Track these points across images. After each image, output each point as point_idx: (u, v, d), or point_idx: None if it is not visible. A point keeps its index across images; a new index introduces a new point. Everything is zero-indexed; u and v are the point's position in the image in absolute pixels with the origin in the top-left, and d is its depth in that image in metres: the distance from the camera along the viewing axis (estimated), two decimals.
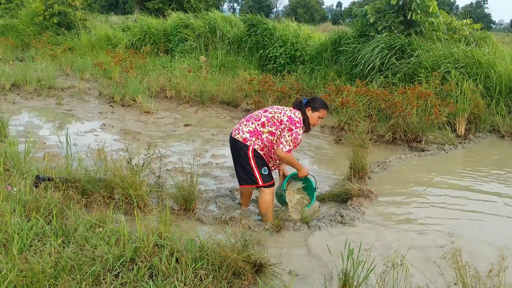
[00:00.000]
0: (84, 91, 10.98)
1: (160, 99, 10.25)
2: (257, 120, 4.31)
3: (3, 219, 3.31)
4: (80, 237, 3.26)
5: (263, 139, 4.27)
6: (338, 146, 7.31)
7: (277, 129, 4.26)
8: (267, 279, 3.22)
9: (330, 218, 4.44)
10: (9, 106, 8.95)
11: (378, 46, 9.95)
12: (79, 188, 4.39)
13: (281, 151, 4.23)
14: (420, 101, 7.45)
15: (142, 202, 4.31)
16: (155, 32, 15.82)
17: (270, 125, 4.27)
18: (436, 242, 4.03)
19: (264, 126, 4.27)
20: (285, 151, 4.23)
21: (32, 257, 2.87)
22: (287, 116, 4.28)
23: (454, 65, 8.90)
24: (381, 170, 6.01)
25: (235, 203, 4.89)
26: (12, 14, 21.69)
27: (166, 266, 2.94)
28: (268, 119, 4.29)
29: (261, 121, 4.29)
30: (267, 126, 4.27)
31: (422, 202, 5.00)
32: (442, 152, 6.94)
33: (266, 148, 4.32)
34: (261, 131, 4.27)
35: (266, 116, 4.32)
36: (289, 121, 4.25)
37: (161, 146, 6.66)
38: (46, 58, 14.72)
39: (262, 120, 4.30)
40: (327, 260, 3.62)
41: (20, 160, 4.76)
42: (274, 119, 4.28)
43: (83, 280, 2.76)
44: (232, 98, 9.78)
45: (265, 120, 4.29)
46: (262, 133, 4.27)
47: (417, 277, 3.34)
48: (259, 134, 4.27)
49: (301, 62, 12.13)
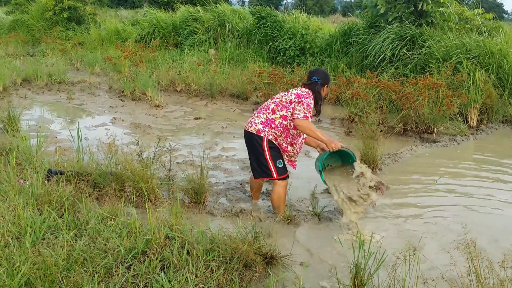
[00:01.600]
0: (95, 85, 11.03)
1: (170, 92, 10.26)
2: (267, 109, 4.27)
3: (16, 213, 3.34)
4: (92, 229, 3.28)
5: (277, 125, 4.19)
6: (348, 138, 7.27)
7: (288, 110, 4.19)
8: (278, 270, 3.23)
9: (341, 210, 4.42)
10: (20, 101, 9.02)
11: (389, 37, 9.88)
12: (90, 182, 4.41)
13: (298, 119, 4.06)
14: (431, 92, 7.39)
15: (153, 195, 4.32)
16: (164, 26, 15.82)
17: (280, 109, 4.22)
18: (448, 233, 4.00)
19: (274, 112, 4.23)
20: (301, 117, 4.06)
21: (44, 250, 2.89)
22: (294, 94, 4.23)
23: (466, 55, 8.81)
24: (392, 162, 5.97)
25: (246, 196, 4.89)
26: (22, 10, 21.83)
27: (177, 258, 2.96)
28: (276, 104, 4.25)
29: (271, 108, 4.25)
30: (278, 111, 4.22)
31: (433, 193, 4.97)
32: (454, 143, 6.89)
33: (281, 138, 4.25)
34: (273, 118, 4.21)
35: (275, 102, 4.28)
36: (296, 97, 4.19)
37: (171, 140, 6.67)
38: (56, 53, 14.80)
39: (271, 107, 4.26)
40: (338, 251, 3.62)
41: (32, 154, 4.79)
42: (282, 102, 4.24)
43: (96, 272, 2.78)
44: (242, 91, 9.76)
45: (274, 106, 4.25)
46: (274, 120, 4.20)
47: (430, 268, 3.32)
48: (272, 122, 4.21)
49: (311, 54, 12.06)
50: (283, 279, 3.16)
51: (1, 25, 20.98)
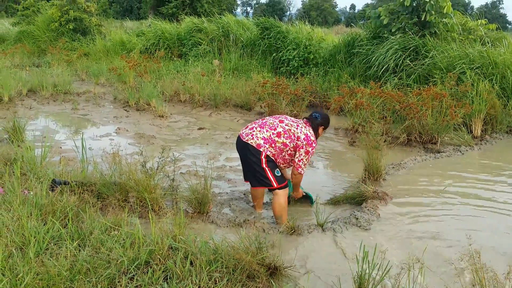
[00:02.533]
0: (99, 95, 11.08)
1: (174, 103, 10.30)
2: (273, 129, 4.33)
3: (20, 223, 3.36)
4: (96, 240, 3.29)
5: (276, 147, 4.31)
6: (352, 148, 7.27)
7: (292, 142, 4.32)
8: (282, 281, 3.21)
9: (344, 221, 4.42)
10: (26, 111, 9.07)
11: (392, 48, 9.90)
12: (94, 192, 4.43)
13: (298, 171, 4.42)
14: (435, 102, 7.38)
15: (156, 205, 4.33)
16: (169, 37, 15.92)
17: (286, 137, 4.31)
18: (453, 244, 3.98)
19: (279, 136, 4.31)
20: (301, 171, 4.42)
21: (48, 260, 2.90)
22: (304, 134, 4.35)
23: (470, 65, 8.81)
24: (396, 172, 5.96)
25: (249, 206, 4.89)
26: (28, 21, 21.97)
27: (180, 268, 2.95)
28: (284, 131, 4.33)
29: (277, 131, 4.32)
30: (282, 137, 4.31)
31: (438, 204, 4.95)
32: (458, 154, 6.87)
33: (276, 155, 4.36)
34: (275, 140, 4.30)
35: (283, 127, 4.35)
36: (306, 140, 4.33)
37: (175, 150, 6.69)
38: (62, 64, 14.89)
39: (278, 130, 4.32)
40: (341, 262, 3.61)
41: (37, 165, 4.82)
42: (290, 132, 4.33)
43: (99, 283, 2.78)
44: (246, 101, 9.78)
45: (281, 131, 4.32)
46: (275, 142, 4.30)
47: (434, 279, 3.31)
48: (273, 142, 4.30)
49: (315, 64, 12.10)
50: None
51: (8, 36, 21.15)
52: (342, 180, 5.85)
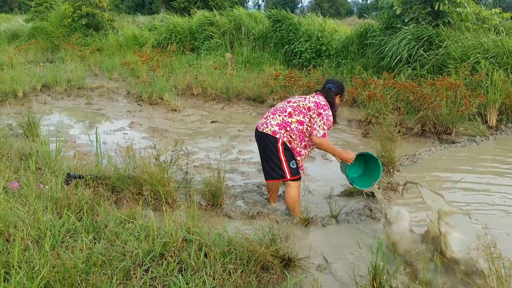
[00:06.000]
0: (113, 90, 11.14)
1: (187, 96, 10.31)
2: (283, 112, 4.27)
3: (36, 217, 3.39)
4: (111, 233, 3.31)
5: (292, 129, 4.21)
6: (365, 140, 7.23)
7: (305, 116, 4.22)
8: (296, 273, 3.22)
9: (358, 212, 4.40)
10: (40, 107, 9.15)
11: (405, 38, 9.80)
12: (109, 185, 4.46)
13: (317, 137, 4.19)
14: (449, 92, 7.31)
15: (170, 198, 4.35)
16: (181, 31, 15.92)
17: (297, 113, 4.23)
18: (468, 234, 3.94)
19: (291, 115, 4.23)
20: (320, 136, 4.19)
21: (64, 253, 2.92)
22: (313, 102, 4.25)
23: (484, 55, 8.70)
24: (410, 163, 5.92)
25: (263, 198, 4.89)
26: (42, 17, 22.11)
27: (195, 260, 2.97)
28: (294, 108, 4.25)
29: (288, 112, 4.25)
30: (294, 115, 4.23)
31: (453, 194, 4.91)
32: (473, 144, 6.80)
33: (295, 142, 4.26)
34: (289, 122, 4.22)
35: (292, 106, 4.28)
36: (316, 105, 4.22)
37: (188, 143, 6.70)
38: (75, 59, 14.98)
39: (288, 110, 4.26)
40: (356, 254, 3.59)
41: (52, 159, 4.85)
42: (300, 107, 4.25)
43: (114, 275, 2.80)
44: (258, 94, 9.77)
45: (291, 110, 4.25)
46: (290, 124, 4.21)
47: (450, 269, 3.28)
48: (288, 125, 4.22)
49: (327, 56, 12.04)
50: (301, 282, 3.15)
51: (21, 33, 21.31)
52: None
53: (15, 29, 22.18)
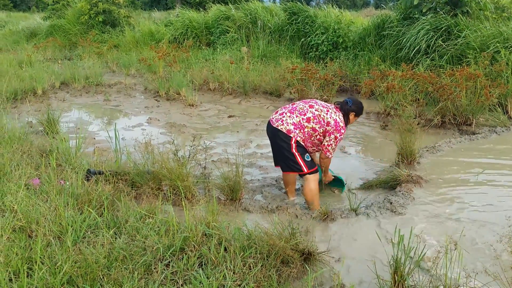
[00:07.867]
0: (130, 86, 11.20)
1: (204, 91, 10.33)
2: (303, 114, 4.30)
3: (57, 213, 3.43)
4: (131, 228, 3.34)
5: (305, 132, 4.29)
6: (384, 132, 7.16)
7: (321, 127, 4.30)
8: (316, 266, 3.20)
9: (378, 205, 4.37)
10: (59, 104, 9.25)
11: (423, 28, 9.65)
12: (128, 181, 4.49)
13: (325, 155, 4.44)
14: (469, 83, 7.19)
15: (189, 193, 4.37)
16: (196, 26, 15.93)
17: (315, 122, 4.28)
18: (491, 225, 3.89)
19: (309, 122, 4.28)
20: (329, 156, 4.45)
21: (85, 248, 2.95)
22: (333, 119, 4.30)
23: (504, 44, 8.53)
24: (430, 155, 5.85)
25: (281, 192, 4.88)
26: (59, 15, 22.30)
27: (215, 255, 2.97)
28: (314, 116, 4.29)
29: (307, 117, 4.29)
30: (312, 122, 4.29)
31: (474, 186, 4.84)
32: (493, 135, 6.69)
33: (305, 140, 4.33)
34: (305, 125, 4.28)
35: (313, 112, 4.30)
36: (335, 125, 4.29)
37: (206, 138, 6.72)
38: (92, 56, 15.07)
39: (308, 115, 4.29)
40: (376, 247, 3.56)
41: (72, 155, 4.90)
42: (320, 117, 4.29)
43: (135, 270, 2.83)
44: (275, 87, 9.73)
45: (311, 116, 4.29)
46: (305, 127, 4.29)
47: (472, 262, 3.24)
48: (303, 127, 4.28)
49: (344, 48, 11.93)
50: (321, 275, 3.14)
51: (39, 31, 21.52)
52: (374, 164, 5.78)
53: (33, 27, 22.39)
